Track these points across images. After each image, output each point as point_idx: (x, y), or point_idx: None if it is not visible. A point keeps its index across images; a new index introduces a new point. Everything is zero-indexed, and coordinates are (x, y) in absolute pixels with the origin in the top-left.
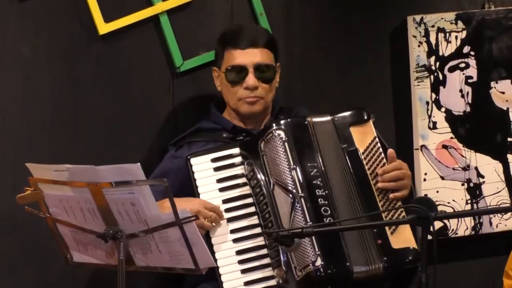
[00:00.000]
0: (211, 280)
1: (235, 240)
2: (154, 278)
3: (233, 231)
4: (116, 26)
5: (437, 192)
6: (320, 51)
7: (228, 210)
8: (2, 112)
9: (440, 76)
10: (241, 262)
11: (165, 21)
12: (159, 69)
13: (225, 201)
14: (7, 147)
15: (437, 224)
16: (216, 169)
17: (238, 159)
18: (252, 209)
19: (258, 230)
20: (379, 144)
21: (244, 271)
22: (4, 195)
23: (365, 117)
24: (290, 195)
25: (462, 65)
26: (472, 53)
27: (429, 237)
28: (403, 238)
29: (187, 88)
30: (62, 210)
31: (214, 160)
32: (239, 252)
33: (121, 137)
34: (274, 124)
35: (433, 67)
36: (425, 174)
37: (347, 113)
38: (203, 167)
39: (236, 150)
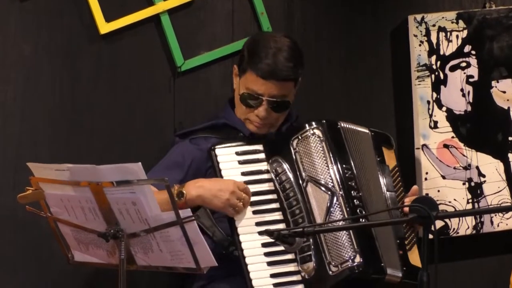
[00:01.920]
0: (223, 279)
1: (261, 233)
2: (155, 277)
3: (258, 224)
4: (117, 26)
5: (438, 191)
6: (321, 50)
7: (253, 204)
8: (3, 111)
9: (441, 75)
10: (267, 254)
11: (166, 21)
12: (160, 69)
13: (252, 195)
14: (7, 146)
15: (438, 223)
16: (241, 162)
17: (261, 155)
18: (277, 204)
19: (283, 225)
20: (399, 173)
21: (270, 264)
22: (5, 194)
23: (393, 144)
24: (329, 192)
25: (463, 64)
26: (473, 52)
27: (431, 236)
28: (415, 257)
29: (188, 88)
30: (63, 209)
31: (238, 153)
32: (265, 245)
33: (122, 136)
34: (307, 124)
35: (434, 66)
36: (426, 173)
37: (379, 132)
38: (228, 159)
39: (260, 147)
